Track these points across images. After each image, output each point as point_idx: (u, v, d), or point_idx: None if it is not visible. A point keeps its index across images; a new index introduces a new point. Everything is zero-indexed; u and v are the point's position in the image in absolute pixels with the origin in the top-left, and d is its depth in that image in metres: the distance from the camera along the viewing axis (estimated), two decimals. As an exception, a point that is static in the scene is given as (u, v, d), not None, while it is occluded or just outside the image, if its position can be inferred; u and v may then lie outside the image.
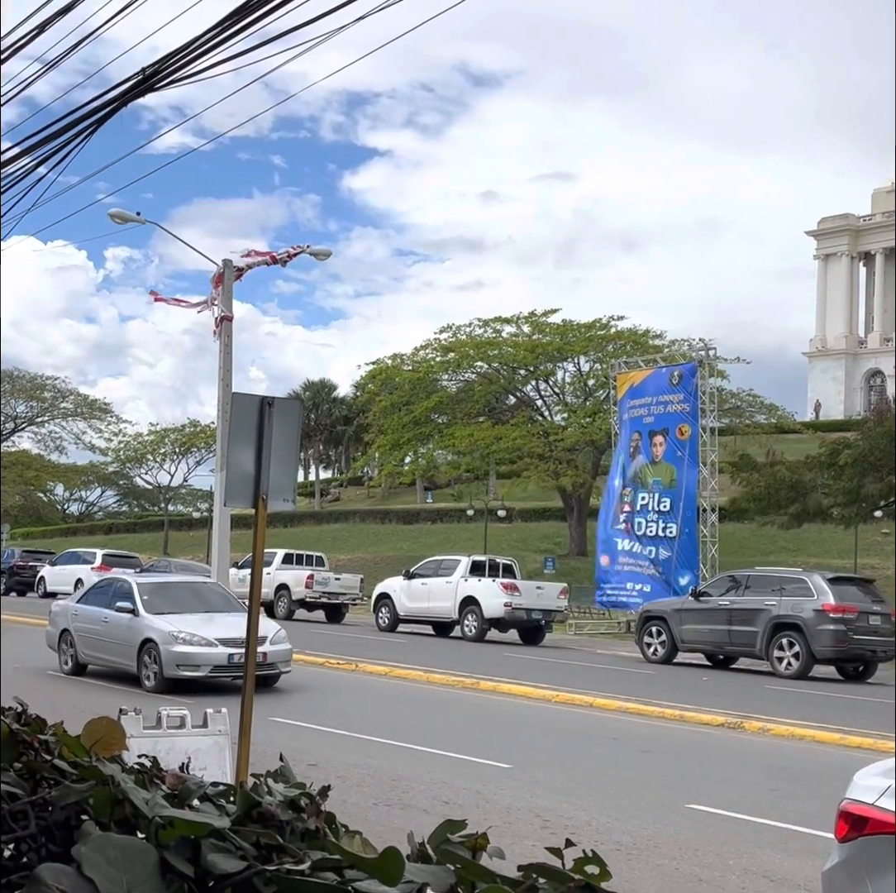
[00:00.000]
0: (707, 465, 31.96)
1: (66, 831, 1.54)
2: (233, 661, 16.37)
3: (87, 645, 18.43)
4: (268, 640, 16.61)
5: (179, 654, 16.72)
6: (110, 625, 17.95)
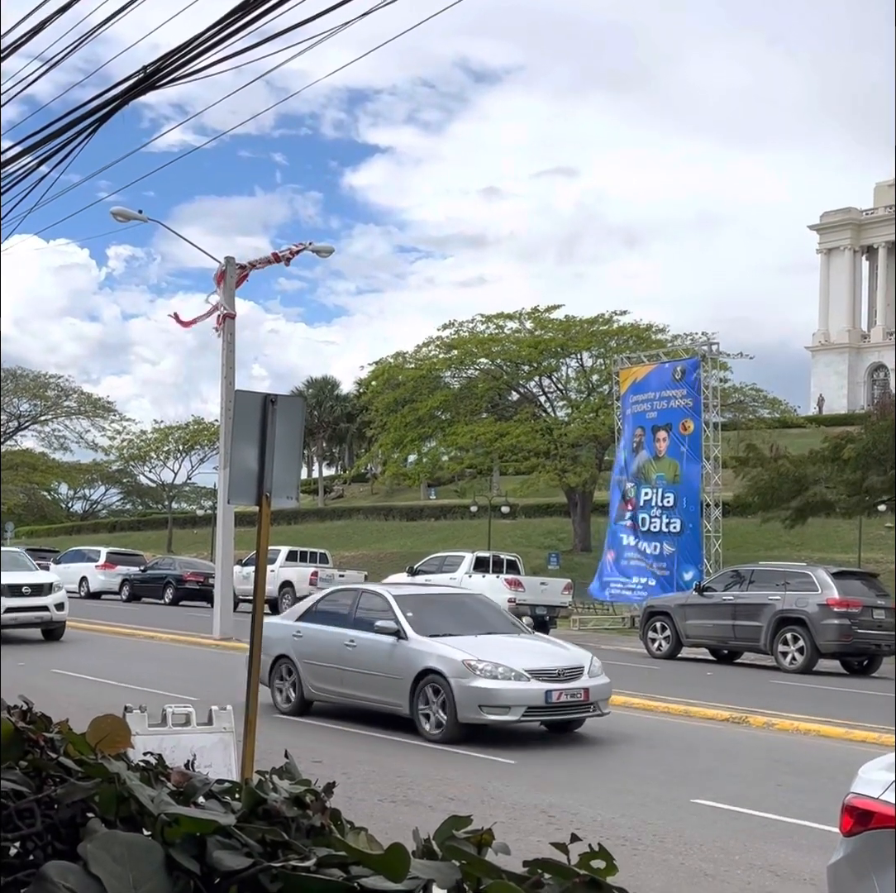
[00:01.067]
0: (710, 460, 31.94)
1: (71, 829, 1.55)
2: (551, 700, 12.84)
3: (319, 677, 14.53)
4: (585, 670, 13.35)
5: (481, 691, 12.75)
6: (361, 651, 14.03)
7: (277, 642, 14.91)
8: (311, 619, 15.13)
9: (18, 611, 22.91)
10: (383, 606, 14.23)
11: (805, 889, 7.57)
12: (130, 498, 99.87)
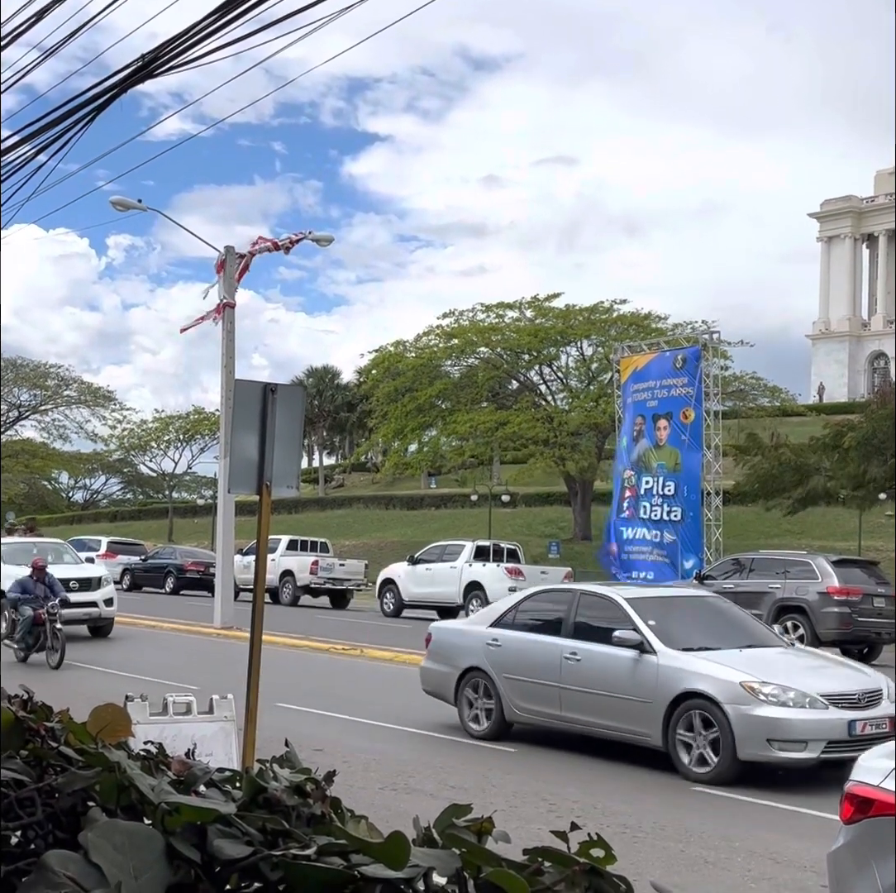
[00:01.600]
0: (711, 448, 31.94)
1: (72, 817, 1.55)
2: (854, 732, 10.37)
3: (526, 695, 12.19)
4: (884, 694, 11.01)
5: (769, 721, 10.36)
6: (588, 666, 11.65)
7: (466, 651, 12.85)
8: (511, 625, 12.80)
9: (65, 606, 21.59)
10: (615, 612, 11.79)
11: (805, 876, 7.60)
12: (131, 488, 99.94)
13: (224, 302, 25.46)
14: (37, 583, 19.31)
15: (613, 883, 1.43)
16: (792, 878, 7.62)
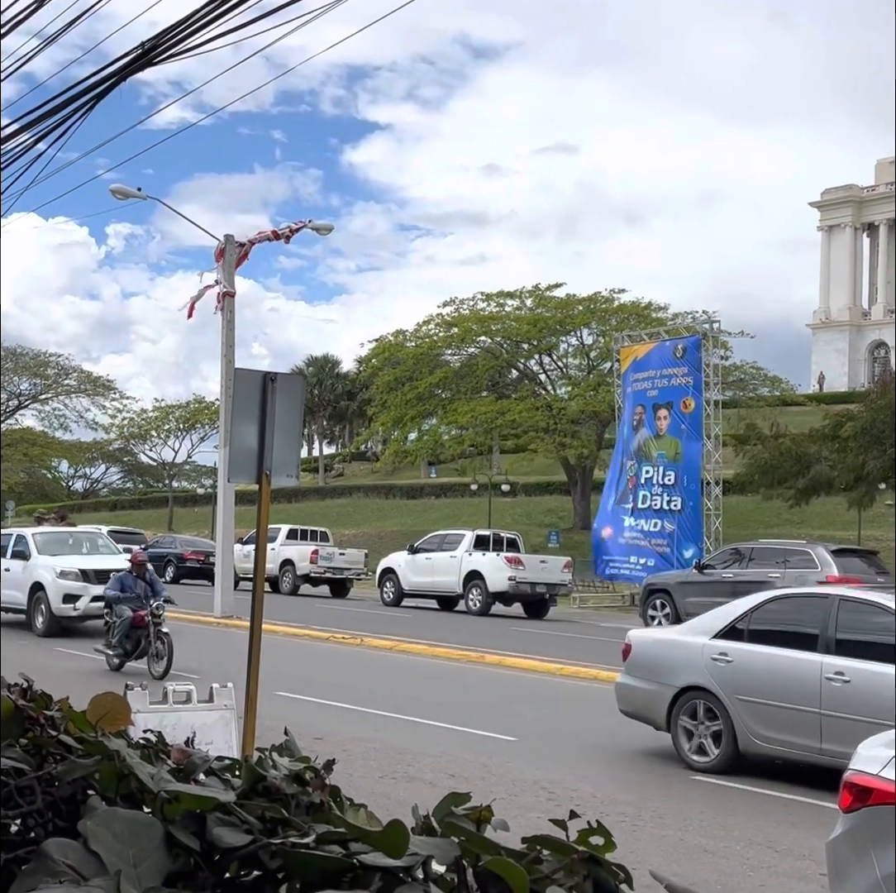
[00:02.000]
0: (711, 438, 31.96)
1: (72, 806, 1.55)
2: None
3: (770, 722, 10.26)
4: None
5: None
6: (863, 690, 9.65)
7: (682, 666, 10.97)
8: (743, 636, 10.81)
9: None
10: (889, 622, 9.82)
11: (804, 864, 7.61)
12: (131, 477, 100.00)
13: (224, 291, 25.44)
14: (136, 579, 17.25)
15: (612, 871, 1.43)
16: (791, 866, 7.64)
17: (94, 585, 19.99)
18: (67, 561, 20.94)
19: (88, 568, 20.89)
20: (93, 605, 19.78)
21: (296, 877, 1.41)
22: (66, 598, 20.51)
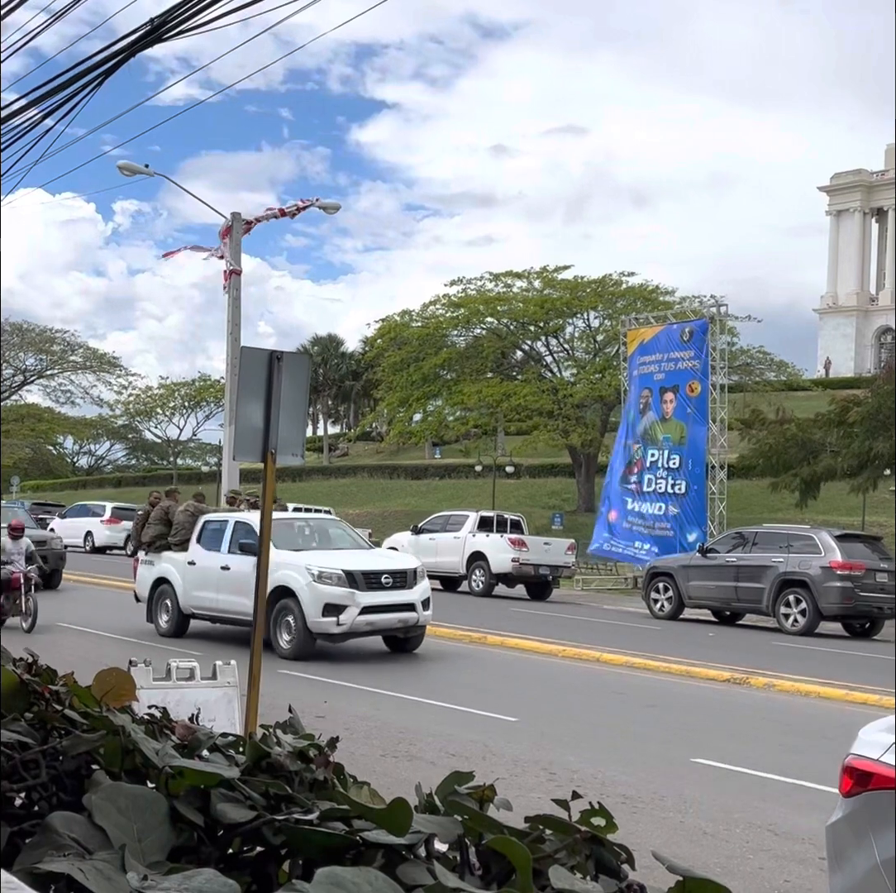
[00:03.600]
0: (716, 422, 31.92)
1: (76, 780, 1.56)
2: None
3: None
4: None
5: None
6: None
7: None
8: None
9: (376, 612, 16.14)
10: None
11: (804, 848, 7.63)
12: (136, 454, 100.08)
13: (230, 269, 25.41)
14: None
15: (614, 852, 1.44)
16: (790, 850, 7.66)
17: (364, 591, 16.00)
18: (324, 559, 16.48)
19: (355, 569, 16.23)
20: (361, 619, 15.89)
21: (299, 853, 1.41)
22: (328, 609, 15.80)
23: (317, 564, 16.14)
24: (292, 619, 15.95)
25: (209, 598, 17.30)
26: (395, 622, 16.44)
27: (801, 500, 33.95)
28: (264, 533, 8.21)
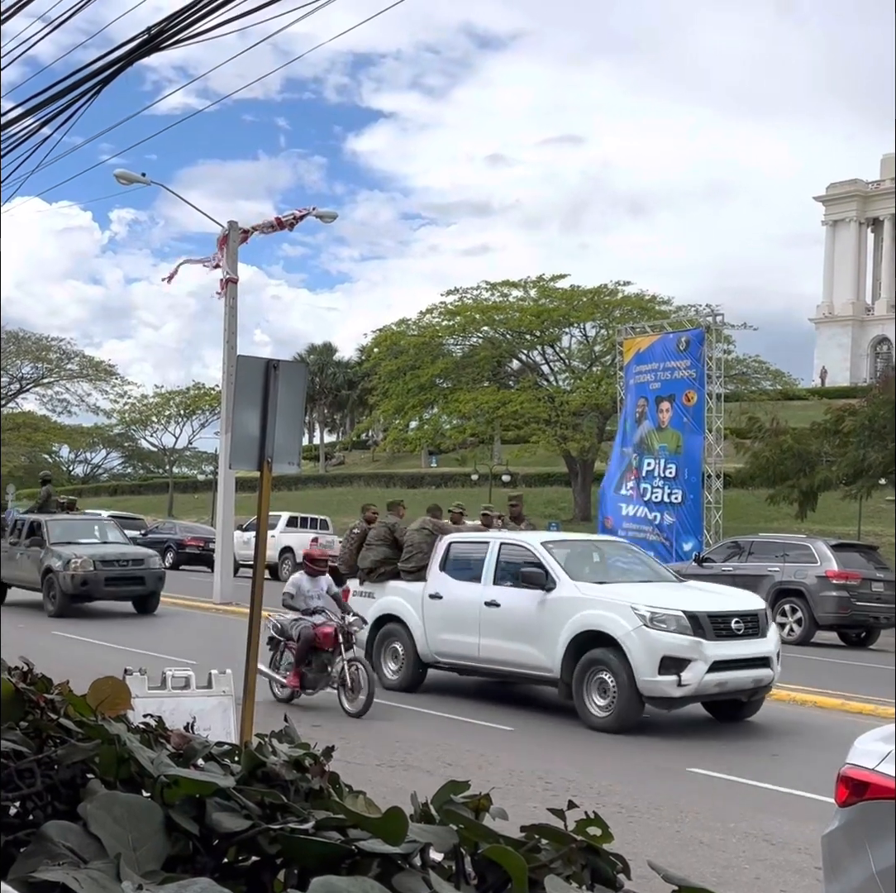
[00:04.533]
0: (712, 431, 31.94)
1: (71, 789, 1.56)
2: None
3: None
4: None
5: None
6: None
7: None
8: None
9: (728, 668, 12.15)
10: None
11: (800, 858, 7.63)
12: (131, 462, 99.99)
13: (227, 277, 25.42)
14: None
15: (610, 861, 1.44)
16: (786, 860, 7.66)
17: (712, 640, 12.06)
18: (651, 596, 12.45)
19: (698, 611, 12.27)
20: (710, 678, 11.97)
21: (294, 863, 1.41)
22: (666, 664, 11.78)
23: (644, 602, 12.07)
24: (608, 676, 11.93)
25: (465, 643, 13.27)
26: (749, 682, 12.50)
27: (800, 511, 33.94)
28: (260, 542, 8.20)
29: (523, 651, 12.60)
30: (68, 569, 21.68)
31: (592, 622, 12.11)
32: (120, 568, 22.26)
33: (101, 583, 21.93)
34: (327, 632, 12.50)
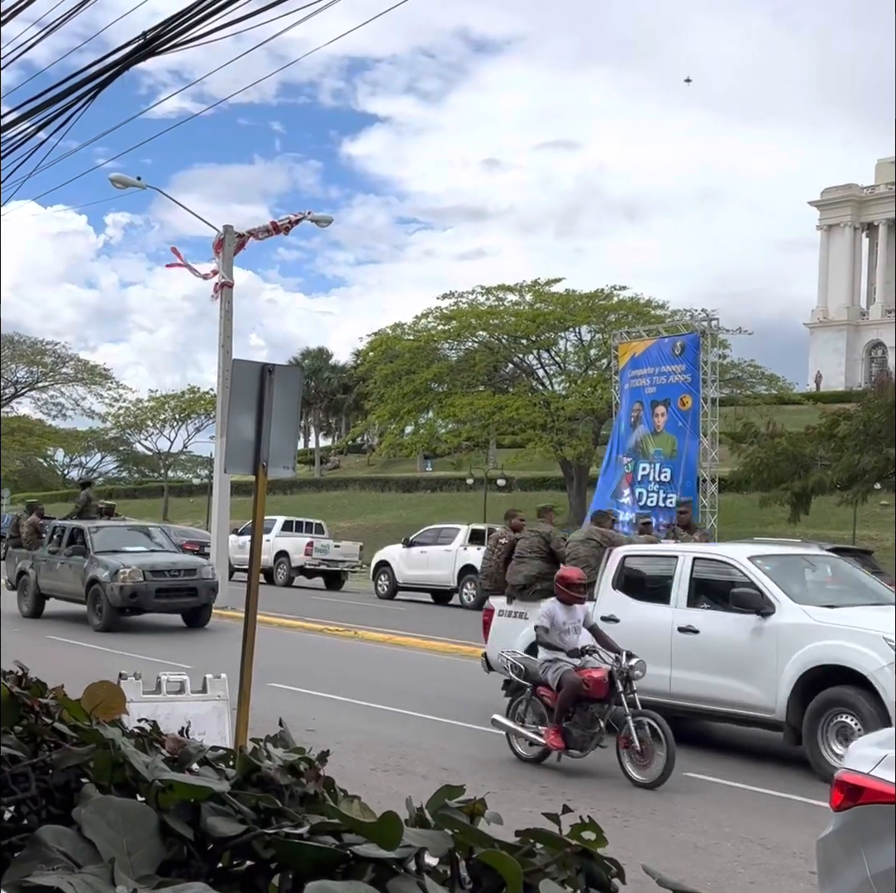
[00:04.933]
0: (708, 435, 31.97)
1: (66, 793, 1.55)
2: None
3: None
4: None
5: None
6: None
7: None
8: None
9: None
10: None
11: (795, 862, 7.63)
12: (126, 466, 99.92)
13: (222, 282, 25.42)
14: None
15: (604, 866, 1.44)
16: (781, 864, 7.66)
17: None
18: None
19: None
20: None
21: (289, 867, 1.41)
22: None
23: None
24: (852, 720, 9.93)
25: (653, 675, 10.67)
26: None
27: (792, 514, 33.97)
28: (255, 546, 8.20)
29: (733, 687, 10.80)
30: (116, 580, 20.08)
31: (831, 655, 10.15)
32: (171, 579, 20.67)
33: (151, 595, 20.29)
34: (598, 678, 9.97)
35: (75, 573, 21.13)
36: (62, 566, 21.63)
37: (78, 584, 20.96)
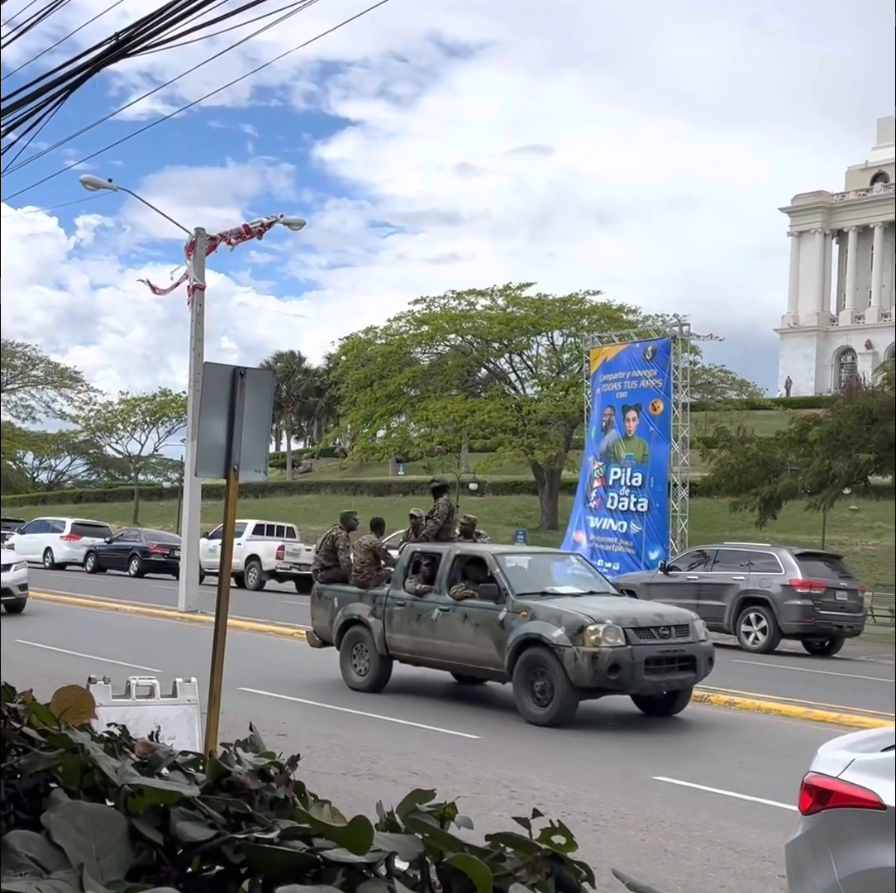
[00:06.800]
0: (678, 440, 32.11)
1: (34, 798, 1.54)
2: None
3: None
4: None
5: None
6: None
7: None
8: None
9: None
10: None
11: (764, 865, 7.66)
12: (96, 469, 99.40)
13: (194, 284, 25.34)
14: None
15: (574, 870, 1.44)
16: (750, 867, 7.69)
17: None
18: None
19: None
20: None
21: (259, 872, 1.41)
22: None
23: None
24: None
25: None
26: None
27: (759, 519, 34.14)
28: (226, 550, 8.17)
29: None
30: (582, 643, 12.59)
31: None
32: (661, 641, 13.17)
33: (640, 669, 12.69)
34: None
35: (485, 631, 13.56)
36: (449, 617, 14.03)
37: (489, 647, 13.50)
